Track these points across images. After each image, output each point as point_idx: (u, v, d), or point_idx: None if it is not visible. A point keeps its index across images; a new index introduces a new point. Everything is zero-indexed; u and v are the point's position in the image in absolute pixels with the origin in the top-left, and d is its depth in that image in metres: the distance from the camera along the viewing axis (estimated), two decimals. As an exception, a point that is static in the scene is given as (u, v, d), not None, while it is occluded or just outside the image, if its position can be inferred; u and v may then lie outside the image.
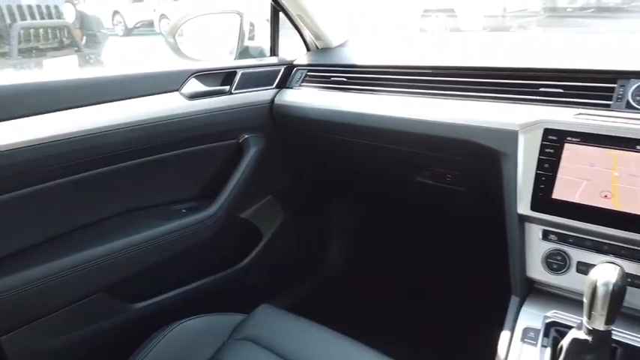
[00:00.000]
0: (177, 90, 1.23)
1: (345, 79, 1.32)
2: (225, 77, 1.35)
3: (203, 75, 1.29)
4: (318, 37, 1.48)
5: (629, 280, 0.86)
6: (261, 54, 1.56)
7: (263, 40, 1.55)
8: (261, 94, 1.41)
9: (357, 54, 1.41)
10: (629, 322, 0.86)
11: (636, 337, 0.84)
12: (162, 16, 8.33)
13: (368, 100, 1.24)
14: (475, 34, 2.69)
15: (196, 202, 1.37)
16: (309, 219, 1.82)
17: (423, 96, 1.16)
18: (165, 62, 1.29)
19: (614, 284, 0.74)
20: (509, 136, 0.96)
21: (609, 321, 0.75)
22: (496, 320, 0.97)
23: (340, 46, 1.51)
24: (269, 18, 1.47)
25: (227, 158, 1.40)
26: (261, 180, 1.49)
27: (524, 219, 0.96)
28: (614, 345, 0.81)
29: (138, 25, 9.31)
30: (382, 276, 1.86)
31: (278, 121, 1.44)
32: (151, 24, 8.92)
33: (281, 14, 1.45)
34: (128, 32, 9.29)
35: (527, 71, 1.05)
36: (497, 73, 1.09)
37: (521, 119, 0.95)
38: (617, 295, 0.74)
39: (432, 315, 1.64)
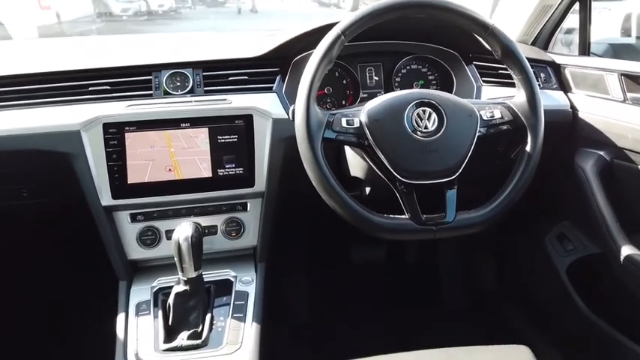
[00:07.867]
0: None
1: None
2: None
3: None
4: None
5: (206, 231, 1.06)
6: None
7: None
8: None
9: None
10: (213, 263, 1.06)
11: (220, 272, 1.06)
12: None
13: None
14: (23, 43, 2.48)
15: None
16: None
17: None
18: None
19: (191, 237, 0.90)
20: (73, 137, 0.98)
21: (197, 267, 0.92)
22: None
23: None
24: None
25: None
26: None
27: (110, 209, 1.01)
28: (208, 285, 0.99)
29: None
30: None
31: None
32: None
33: None
34: None
35: (75, 73, 1.07)
36: (48, 77, 1.06)
37: (80, 118, 0.98)
38: (195, 245, 0.91)
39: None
